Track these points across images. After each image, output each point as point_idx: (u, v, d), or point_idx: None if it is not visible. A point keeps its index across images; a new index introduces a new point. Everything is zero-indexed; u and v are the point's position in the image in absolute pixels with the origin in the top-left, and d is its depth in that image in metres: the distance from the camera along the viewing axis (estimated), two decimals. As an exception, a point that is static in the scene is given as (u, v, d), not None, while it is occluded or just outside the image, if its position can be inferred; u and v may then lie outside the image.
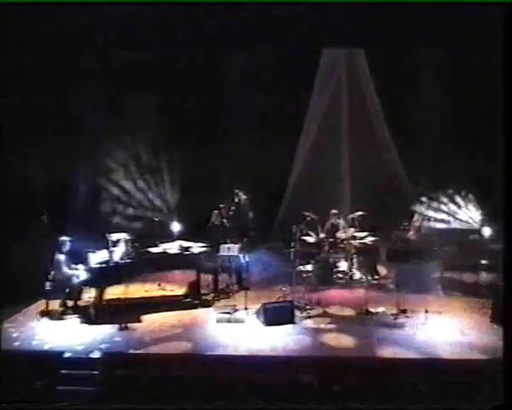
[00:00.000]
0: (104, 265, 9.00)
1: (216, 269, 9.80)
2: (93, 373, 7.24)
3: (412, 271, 9.50)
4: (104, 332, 8.35)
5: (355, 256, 10.47)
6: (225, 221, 10.45)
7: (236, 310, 8.99)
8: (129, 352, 7.75)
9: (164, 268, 9.90)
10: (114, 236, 9.21)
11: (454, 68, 11.44)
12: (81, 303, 9.16)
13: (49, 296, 9.04)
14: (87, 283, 9.03)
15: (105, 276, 8.98)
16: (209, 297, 9.68)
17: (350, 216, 10.81)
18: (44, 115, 11.29)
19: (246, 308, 8.99)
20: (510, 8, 6.67)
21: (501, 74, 6.64)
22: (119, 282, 9.13)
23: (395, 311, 8.75)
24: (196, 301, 9.48)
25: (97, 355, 7.61)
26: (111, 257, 9.01)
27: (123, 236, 9.33)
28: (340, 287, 10.13)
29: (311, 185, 12.02)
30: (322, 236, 10.53)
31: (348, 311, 9.11)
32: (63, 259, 9.01)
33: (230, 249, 9.43)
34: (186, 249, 9.61)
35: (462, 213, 11.26)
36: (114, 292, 9.29)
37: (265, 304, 8.75)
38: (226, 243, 9.69)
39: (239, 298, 9.37)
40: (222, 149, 12.27)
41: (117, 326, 8.48)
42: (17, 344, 8.01)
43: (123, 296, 9.19)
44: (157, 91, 11.95)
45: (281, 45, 11.28)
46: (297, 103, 12.27)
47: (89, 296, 9.18)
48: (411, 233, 10.55)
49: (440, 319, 8.63)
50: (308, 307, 9.12)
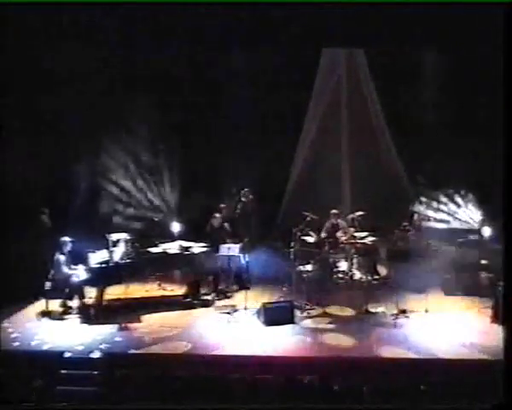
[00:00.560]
0: (104, 265, 9.01)
1: (216, 269, 9.80)
2: (93, 373, 7.24)
3: (412, 271, 9.49)
4: (104, 332, 8.36)
5: (355, 256, 10.46)
6: (226, 222, 10.45)
7: (236, 310, 9.00)
8: (129, 352, 7.76)
9: (164, 268, 9.90)
10: (114, 236, 9.22)
11: (454, 68, 11.44)
12: (81, 303, 9.15)
13: (49, 296, 9.04)
14: (87, 283, 9.04)
15: (105, 276, 8.99)
16: (209, 297, 9.68)
17: (350, 216, 10.80)
18: (44, 115, 11.28)
19: (246, 308, 8.99)
20: (510, 8, 6.66)
21: (501, 74, 6.63)
22: (119, 282, 9.15)
23: (395, 311, 8.76)
24: (196, 301, 9.48)
25: (97, 355, 7.62)
26: (111, 257, 9.02)
27: (123, 236, 9.33)
28: (340, 287, 10.13)
29: (311, 185, 12.03)
30: (322, 236, 10.53)
31: (348, 311, 9.12)
32: (63, 259, 9.02)
33: (230, 249, 9.42)
34: (186, 249, 9.61)
35: (461, 213, 11.26)
36: (114, 292, 9.30)
37: (265, 304, 8.76)
38: (226, 243, 9.68)
39: (239, 298, 9.36)
40: (222, 149, 12.27)
41: (117, 326, 8.49)
42: (17, 344, 8.02)
43: (123, 296, 9.20)
44: (157, 91, 11.95)
45: (281, 45, 11.28)
46: (297, 103, 12.27)
47: (89, 296, 9.19)
48: (411, 233, 10.55)
49: (440, 319, 8.63)
50: (308, 307, 9.12)
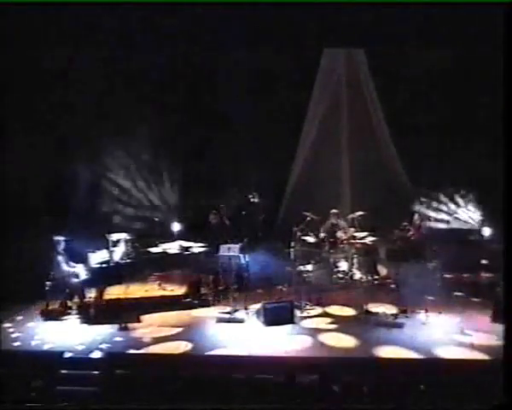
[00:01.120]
0: (104, 265, 9.01)
1: (216, 269, 9.80)
2: (93, 373, 7.23)
3: (412, 271, 9.49)
4: (104, 332, 8.36)
5: (355, 256, 10.47)
6: (226, 221, 10.45)
7: (236, 310, 9.00)
8: (129, 352, 7.76)
9: (164, 268, 9.90)
10: (114, 236, 9.24)
11: (454, 68, 11.43)
12: (81, 303, 9.15)
13: (49, 296, 9.04)
14: (87, 283, 9.04)
15: (105, 276, 8.99)
16: (209, 297, 9.68)
17: (350, 216, 10.80)
18: (44, 115, 11.29)
19: (246, 308, 8.99)
20: (510, 8, 6.66)
21: (501, 74, 6.63)
22: (119, 282, 9.15)
23: (395, 311, 8.76)
24: (196, 301, 9.48)
25: (97, 355, 7.63)
26: (111, 257, 9.03)
27: (123, 236, 9.35)
28: (340, 287, 10.13)
29: (311, 185, 12.03)
30: (322, 236, 10.53)
31: (348, 311, 9.12)
32: (63, 259, 9.01)
33: (230, 249, 9.40)
34: (186, 249, 9.61)
35: (462, 213, 11.26)
36: (114, 292, 9.30)
37: (265, 304, 8.76)
38: (226, 243, 9.68)
39: (239, 298, 9.37)
40: (222, 149, 12.27)
41: (117, 326, 8.49)
42: (17, 344, 8.02)
43: (123, 296, 9.19)
44: (157, 91, 11.95)
45: (281, 45, 11.28)
46: (297, 103, 12.27)
47: (89, 296, 9.19)
48: (411, 233, 10.54)
49: (440, 319, 8.63)
50: (308, 307, 9.12)
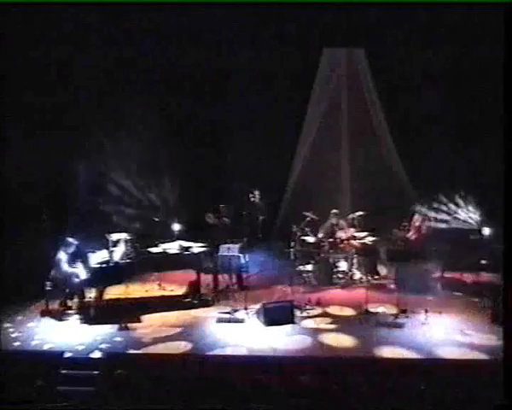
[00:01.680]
0: (104, 265, 9.00)
1: (216, 269, 9.80)
2: (93, 373, 7.24)
3: (412, 271, 9.50)
4: (104, 332, 8.35)
5: (355, 256, 10.47)
6: (225, 221, 10.45)
7: (236, 310, 8.99)
8: (129, 352, 7.76)
9: (164, 268, 9.89)
10: (114, 236, 9.23)
11: (454, 68, 11.43)
12: (81, 303, 9.15)
13: (49, 296, 9.04)
14: (87, 283, 9.03)
15: (105, 276, 8.98)
16: (209, 297, 9.67)
17: (350, 216, 10.81)
18: (45, 115, 11.29)
19: (246, 308, 8.99)
20: (510, 8, 6.67)
21: (501, 74, 6.63)
22: (119, 282, 9.14)
23: (395, 311, 8.76)
24: (196, 301, 9.47)
25: (97, 355, 7.62)
26: (111, 257, 9.02)
27: (123, 236, 9.34)
28: (340, 287, 10.13)
29: (311, 185, 12.03)
30: (322, 236, 10.53)
31: (348, 311, 9.12)
32: (63, 258, 9.00)
33: (230, 249, 9.40)
34: (186, 249, 9.61)
35: (462, 213, 11.25)
36: (114, 292, 9.29)
37: (265, 304, 8.75)
38: (226, 243, 9.68)
39: (239, 298, 9.36)
40: (222, 149, 12.27)
41: (117, 326, 8.49)
42: (17, 344, 8.02)
43: (123, 296, 9.19)
44: (157, 91, 11.95)
45: (281, 45, 11.29)
46: (297, 103, 12.27)
47: (89, 296, 9.19)
48: (411, 233, 10.55)
49: (440, 319, 8.63)
50: (308, 307, 9.12)
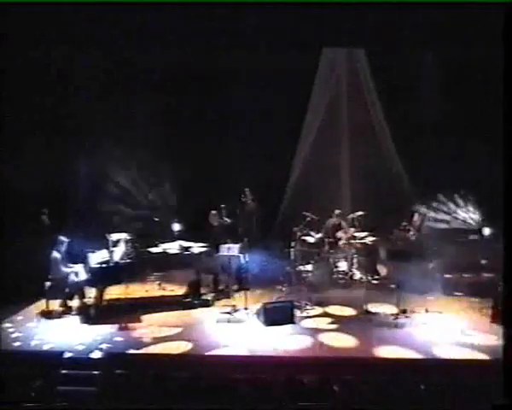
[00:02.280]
0: (104, 265, 9.00)
1: (216, 269, 9.80)
2: (93, 373, 7.23)
3: (412, 271, 9.49)
4: (104, 332, 8.35)
5: (355, 256, 10.47)
6: (227, 221, 10.45)
7: (236, 310, 8.99)
8: (129, 352, 7.76)
9: (164, 268, 9.90)
10: (114, 236, 9.22)
11: (454, 68, 11.43)
12: (81, 303, 9.15)
13: (49, 296, 9.04)
14: (87, 283, 9.05)
15: (105, 276, 8.98)
16: (209, 297, 9.68)
17: (350, 216, 10.81)
18: (44, 114, 11.28)
19: (246, 308, 8.99)
20: (510, 8, 6.66)
21: (501, 74, 6.63)
22: (119, 282, 9.14)
23: (395, 311, 8.76)
24: (196, 301, 9.48)
25: (97, 355, 7.62)
26: (111, 257, 9.02)
27: (123, 236, 9.33)
28: (340, 287, 10.13)
29: (311, 185, 12.03)
30: (322, 235, 10.53)
31: (348, 311, 9.12)
32: (60, 258, 9.00)
33: (230, 249, 9.40)
34: (186, 249, 9.61)
35: (461, 213, 11.25)
36: (114, 292, 9.29)
37: (265, 304, 8.76)
38: (226, 243, 9.68)
39: (239, 298, 9.36)
40: (222, 149, 12.26)
41: (117, 326, 8.49)
42: (17, 344, 8.02)
43: (123, 296, 9.19)
44: (157, 91, 11.94)
45: (281, 45, 11.28)
46: (297, 103, 12.27)
47: (89, 296, 9.19)
48: (411, 233, 10.54)
49: (440, 319, 8.63)
50: (308, 307, 9.12)
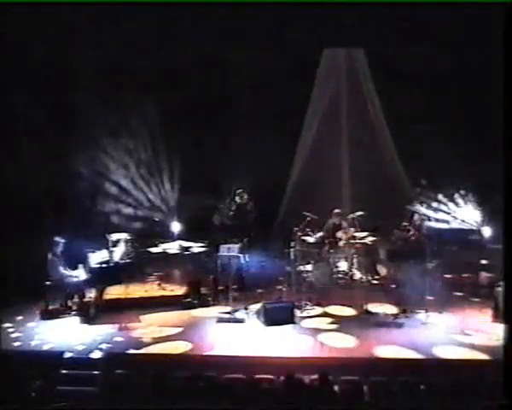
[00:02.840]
0: (104, 265, 9.01)
1: (216, 269, 9.80)
2: (93, 373, 7.23)
3: (412, 271, 9.48)
4: (104, 332, 8.36)
5: (355, 256, 10.47)
6: (226, 221, 10.45)
7: (236, 310, 8.99)
8: (129, 352, 7.76)
9: (164, 268, 9.90)
10: (114, 236, 9.23)
11: (454, 68, 11.43)
12: (81, 303, 9.15)
13: (49, 296, 9.03)
14: (87, 283, 9.04)
15: (105, 276, 8.99)
16: (209, 297, 9.68)
17: (350, 216, 10.80)
18: (44, 114, 11.28)
19: (246, 308, 8.99)
20: (510, 8, 6.66)
21: (501, 74, 6.63)
22: (119, 282, 9.15)
23: (395, 311, 8.76)
24: (196, 301, 9.48)
25: (97, 355, 7.62)
26: (111, 257, 9.02)
27: (123, 236, 9.34)
28: (340, 287, 10.13)
29: (311, 185, 12.02)
30: (322, 235, 10.52)
31: (348, 311, 9.12)
32: (58, 259, 8.99)
33: (230, 249, 9.40)
34: (186, 249, 9.62)
35: (461, 213, 11.24)
36: (114, 292, 9.29)
37: (265, 304, 8.75)
38: (226, 243, 9.68)
39: (239, 298, 9.36)
40: (222, 149, 12.26)
41: (117, 326, 8.49)
42: (17, 344, 8.02)
43: (123, 296, 9.19)
44: (157, 90, 11.94)
45: (281, 45, 11.28)
46: (297, 103, 12.27)
47: (89, 296, 9.19)
48: (411, 233, 10.53)
49: (440, 319, 8.63)
50: (308, 307, 9.12)
